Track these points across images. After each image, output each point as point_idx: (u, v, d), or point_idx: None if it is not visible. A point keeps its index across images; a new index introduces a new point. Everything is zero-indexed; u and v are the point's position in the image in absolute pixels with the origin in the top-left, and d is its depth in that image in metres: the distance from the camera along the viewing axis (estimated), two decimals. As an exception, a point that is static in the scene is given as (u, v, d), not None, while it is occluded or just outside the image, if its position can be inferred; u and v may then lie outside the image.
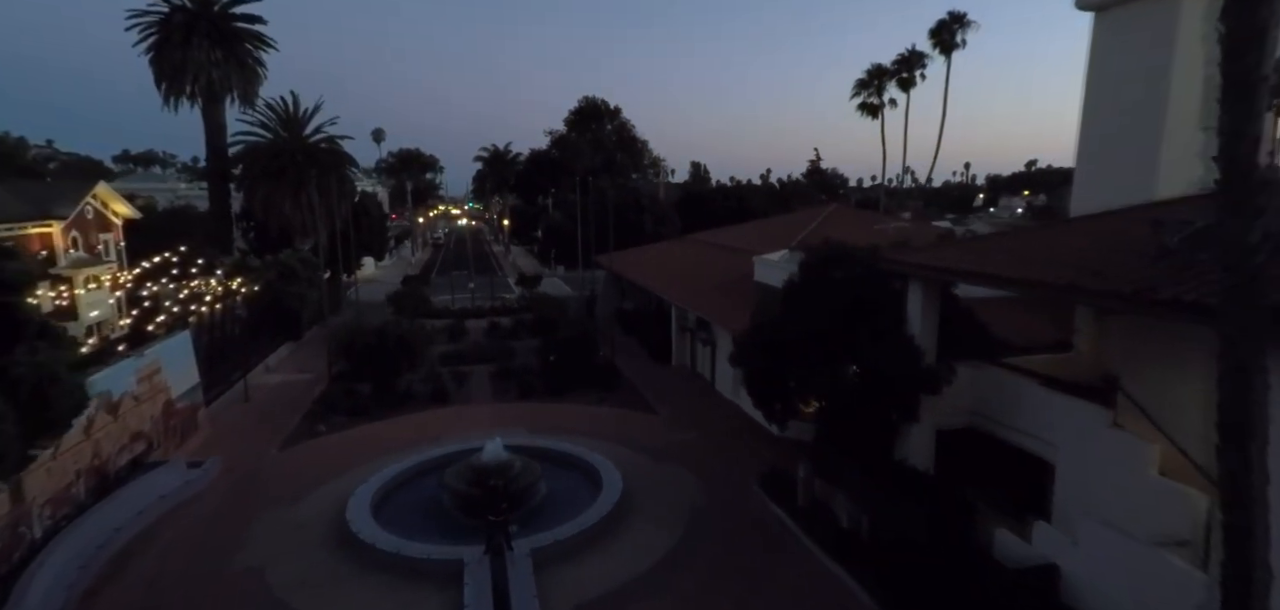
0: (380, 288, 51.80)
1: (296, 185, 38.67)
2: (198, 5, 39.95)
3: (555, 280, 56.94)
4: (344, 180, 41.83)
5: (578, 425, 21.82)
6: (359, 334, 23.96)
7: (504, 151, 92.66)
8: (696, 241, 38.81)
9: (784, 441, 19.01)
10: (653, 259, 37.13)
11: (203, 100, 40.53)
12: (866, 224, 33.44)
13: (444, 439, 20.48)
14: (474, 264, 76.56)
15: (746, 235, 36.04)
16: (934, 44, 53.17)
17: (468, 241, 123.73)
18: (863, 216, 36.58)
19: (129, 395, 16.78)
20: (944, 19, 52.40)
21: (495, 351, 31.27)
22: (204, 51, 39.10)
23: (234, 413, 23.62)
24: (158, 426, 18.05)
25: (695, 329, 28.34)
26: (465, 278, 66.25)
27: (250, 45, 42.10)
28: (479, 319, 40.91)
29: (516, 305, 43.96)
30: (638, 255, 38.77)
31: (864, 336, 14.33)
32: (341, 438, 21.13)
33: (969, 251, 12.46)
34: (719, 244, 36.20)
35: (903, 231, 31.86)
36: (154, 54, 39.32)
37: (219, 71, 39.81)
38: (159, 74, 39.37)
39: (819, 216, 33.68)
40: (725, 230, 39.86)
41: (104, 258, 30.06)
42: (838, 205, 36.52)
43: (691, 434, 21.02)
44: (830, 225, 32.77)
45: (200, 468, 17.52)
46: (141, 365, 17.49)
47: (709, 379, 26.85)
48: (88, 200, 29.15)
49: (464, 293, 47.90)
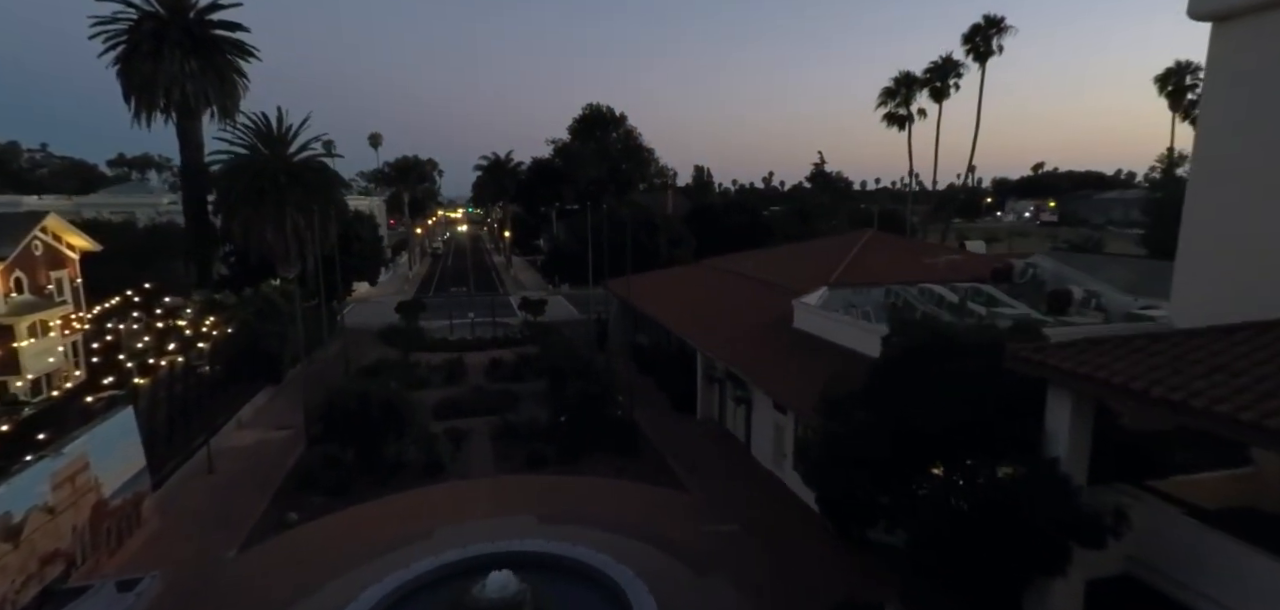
0: (375, 309, 48.48)
1: (279, 209, 35.28)
2: (170, 12, 36.54)
3: (561, 300, 53.62)
4: (332, 203, 38.34)
5: (595, 509, 18.44)
6: (339, 398, 20.53)
7: (505, 160, 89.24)
8: (717, 270, 35.43)
9: (851, 538, 15.61)
10: (671, 291, 33.75)
11: (177, 116, 37.17)
12: (910, 255, 30.00)
13: (437, 532, 17.17)
14: (474, 278, 73.46)
15: (775, 265, 32.62)
16: (967, 50, 49.70)
17: (467, 252, 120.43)
18: (903, 247, 33.12)
19: (38, 509, 13.38)
20: (979, 23, 48.91)
21: (497, 399, 27.87)
22: (177, 63, 35.71)
23: (192, 492, 20.20)
24: (83, 538, 14.64)
25: (725, 380, 24.93)
26: (464, 295, 63.30)
27: (230, 55, 38.71)
28: (480, 352, 37.68)
29: (520, 335, 40.63)
30: (654, 283, 35.41)
31: (984, 453, 10.99)
32: (314, 531, 17.70)
33: (1157, 362, 8.91)
34: (744, 274, 32.81)
35: (954, 265, 28.51)
36: (121, 66, 35.92)
37: (195, 85, 36.43)
38: (127, 87, 36.00)
39: (854, 246, 30.31)
40: (748, 257, 36.50)
41: (56, 298, 26.66)
42: (873, 233, 33.08)
43: (733, 525, 17.59)
44: (869, 255, 29.42)
45: (134, 590, 14.12)
46: (59, 467, 14.08)
47: (743, 440, 23.44)
48: (35, 235, 25.74)
49: (462, 317, 44.57)
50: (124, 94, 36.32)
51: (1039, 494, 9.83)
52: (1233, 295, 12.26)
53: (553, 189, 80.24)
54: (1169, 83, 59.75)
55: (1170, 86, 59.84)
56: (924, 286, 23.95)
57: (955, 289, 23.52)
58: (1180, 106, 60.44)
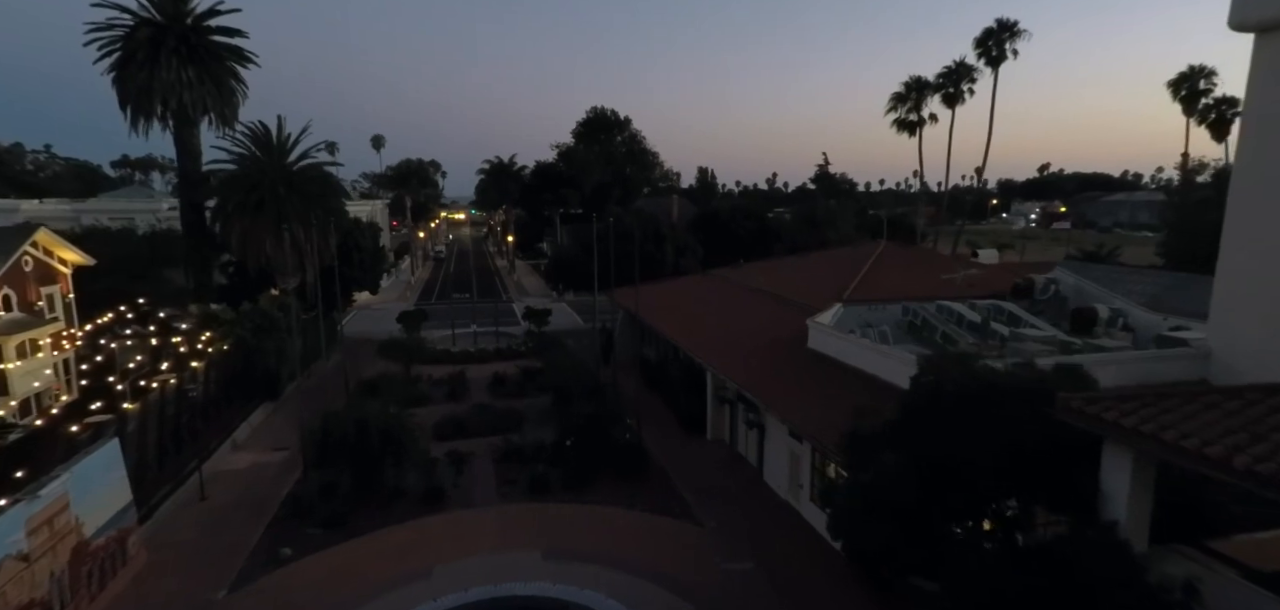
0: (377, 317, 47.69)
1: (278, 220, 34.45)
2: (167, 18, 35.79)
3: (565, 308, 52.75)
4: (332, 213, 37.51)
5: (604, 543, 17.57)
6: (335, 423, 19.70)
7: (508, 164, 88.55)
8: (727, 282, 34.60)
9: (879, 586, 14.75)
10: (679, 303, 32.89)
11: (175, 123, 36.43)
12: (925, 268, 29.04)
13: (437, 571, 16.34)
14: (476, 282, 72.73)
15: (784, 277, 31.78)
16: (979, 54, 48.62)
17: (470, 254, 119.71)
18: (917, 259, 32.19)
19: (12, 558, 12.55)
20: (990, 28, 47.85)
21: (500, 418, 26.98)
22: (174, 71, 34.94)
23: (183, 522, 19.37)
24: (62, 584, 13.81)
25: (736, 400, 24.04)
26: (466, 301, 62.60)
27: (229, 62, 37.94)
28: (482, 365, 36.89)
29: (524, 346, 39.81)
30: (661, 295, 34.51)
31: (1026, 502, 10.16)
32: (308, 569, 16.85)
33: (1233, 422, 7.90)
34: (754, 287, 31.97)
35: (972, 281, 27.56)
36: (117, 73, 35.16)
37: (192, 93, 35.67)
38: (123, 95, 35.28)
39: (867, 258, 29.42)
40: (758, 269, 35.66)
41: (47, 315, 25.87)
42: (886, 244, 32.15)
43: (749, 563, 16.70)
44: (883, 268, 28.51)
45: (115, 640, 13.29)
46: (35, 511, 13.25)
47: (755, 465, 22.55)
48: (25, 250, 24.96)
49: (465, 326, 43.80)
50: (119, 102, 35.59)
51: (1098, 559, 8.93)
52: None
53: (557, 193, 79.45)
54: (1182, 88, 58.61)
55: (1184, 91, 58.72)
56: (942, 304, 23.04)
57: (976, 307, 22.61)
58: (1194, 111, 59.33)
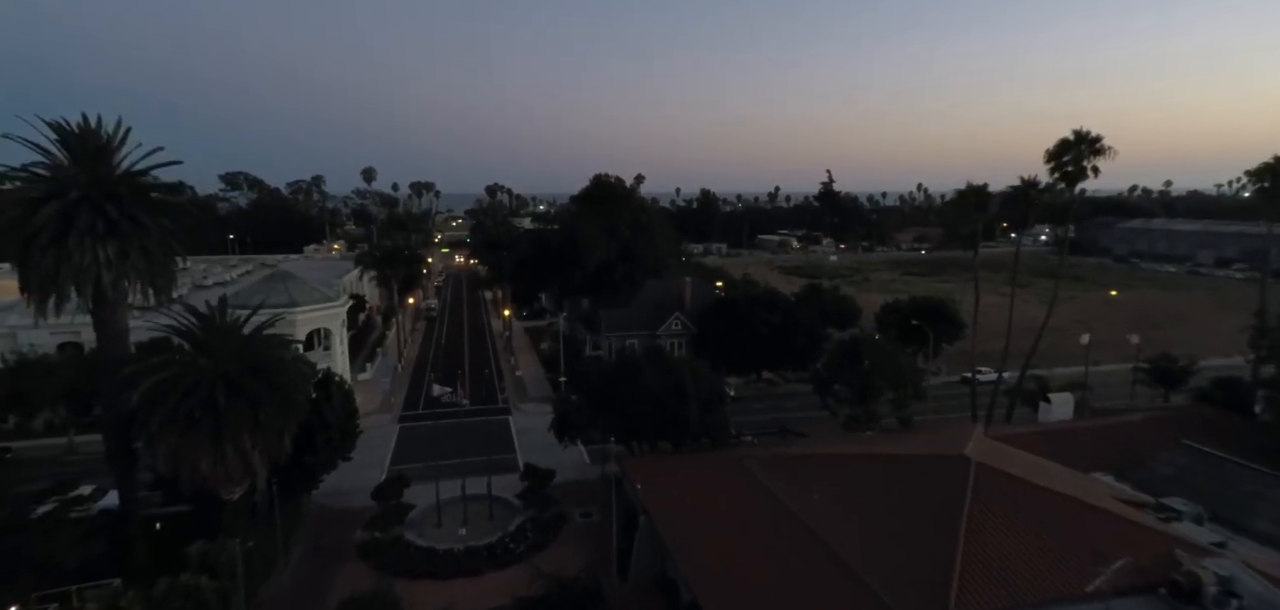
0: (353, 472, 40.86)
1: (216, 432, 27.28)
2: (86, 181, 28.25)
3: (577, 453, 46.04)
4: (293, 409, 30.23)
5: None
6: None
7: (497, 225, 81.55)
8: (765, 498, 29.62)
9: None
10: (705, 512, 29.48)
11: (93, 305, 29.21)
12: (1047, 535, 22.37)
13: None
14: (470, 357, 68.24)
15: (844, 518, 24.81)
16: (1052, 169, 41.73)
17: (464, 304, 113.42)
18: (1032, 513, 25.34)
19: None
20: (1067, 139, 40.80)
21: None
22: (90, 250, 27.66)
23: None
24: None
25: None
26: (455, 398, 58.98)
27: (163, 218, 30.34)
28: (474, 580, 32.40)
29: (521, 549, 34.45)
30: (681, 488, 31.76)
31: None
32: None
33: None
34: (803, 521, 26.26)
35: (1119, 570, 20.82)
36: (15, 263, 27.90)
37: (113, 273, 28.39)
38: (24, 282, 27.99)
39: (962, 506, 23.86)
40: (800, 464, 29.21)
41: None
42: (984, 429, 26.17)
43: None
44: (983, 535, 22.24)
45: None
46: None
47: None
48: None
49: (452, 486, 38.29)
50: (20, 287, 28.34)
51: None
52: None
53: (555, 268, 72.67)
54: (1264, 179, 51.96)
55: (1265, 183, 52.10)
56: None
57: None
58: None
